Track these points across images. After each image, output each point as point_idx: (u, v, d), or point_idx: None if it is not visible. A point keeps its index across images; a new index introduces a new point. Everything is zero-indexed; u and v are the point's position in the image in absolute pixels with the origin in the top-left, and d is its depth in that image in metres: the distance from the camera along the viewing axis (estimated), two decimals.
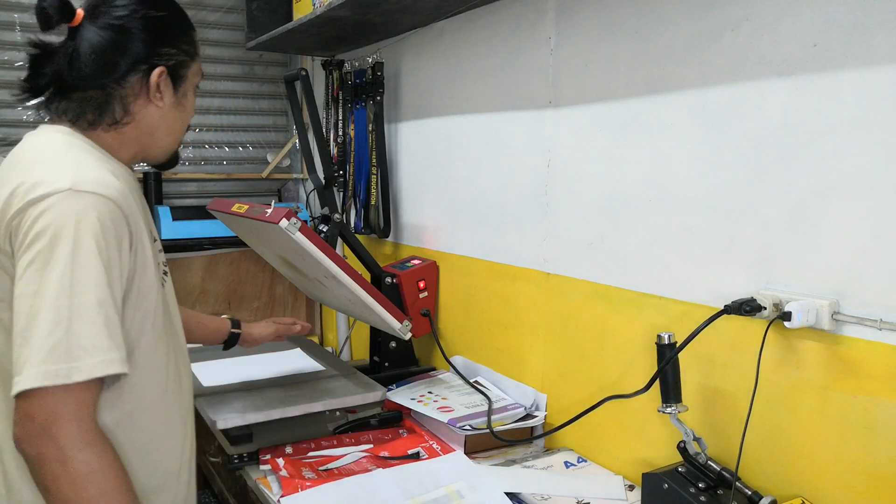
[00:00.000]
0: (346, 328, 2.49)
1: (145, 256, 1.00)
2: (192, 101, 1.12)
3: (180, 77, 1.07)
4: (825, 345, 1.05)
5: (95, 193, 0.91)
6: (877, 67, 0.96)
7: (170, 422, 1.08)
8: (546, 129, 1.55)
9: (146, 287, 1.00)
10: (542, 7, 1.53)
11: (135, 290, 0.97)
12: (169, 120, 1.08)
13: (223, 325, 1.56)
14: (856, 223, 1.00)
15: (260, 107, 2.81)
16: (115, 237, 0.92)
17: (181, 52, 1.06)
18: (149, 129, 1.06)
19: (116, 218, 0.92)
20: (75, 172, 0.93)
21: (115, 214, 0.92)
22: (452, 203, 1.90)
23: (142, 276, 0.99)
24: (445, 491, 1.29)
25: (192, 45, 1.08)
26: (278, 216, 1.39)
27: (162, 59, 1.03)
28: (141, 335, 1.00)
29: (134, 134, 1.05)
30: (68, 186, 0.90)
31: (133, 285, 0.97)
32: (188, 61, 1.08)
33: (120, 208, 0.93)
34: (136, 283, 0.98)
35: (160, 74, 1.03)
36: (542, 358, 1.60)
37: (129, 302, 0.97)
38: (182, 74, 1.07)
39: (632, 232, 1.35)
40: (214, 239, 2.45)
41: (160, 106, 1.05)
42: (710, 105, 1.19)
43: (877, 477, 1.00)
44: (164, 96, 1.05)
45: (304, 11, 2.02)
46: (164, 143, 1.10)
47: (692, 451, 1.15)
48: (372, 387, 1.63)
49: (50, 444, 0.87)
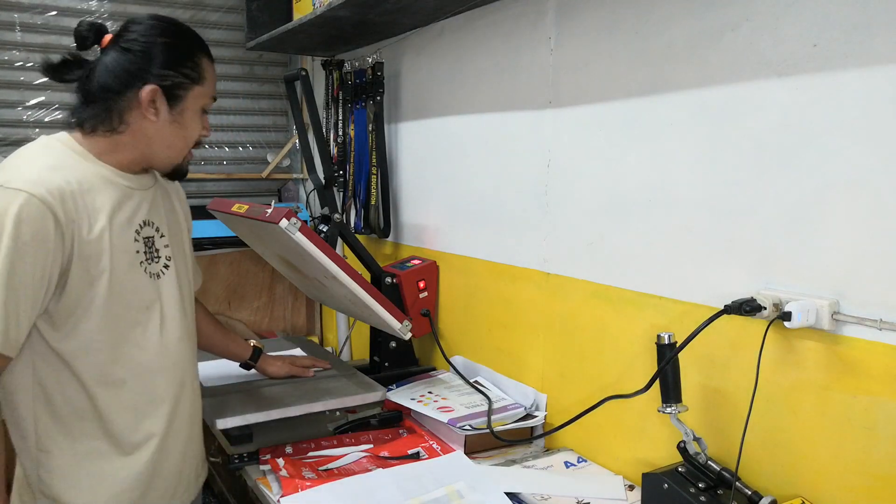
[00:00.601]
0: (346, 328, 2.49)
1: (99, 247, 1.11)
2: (193, 120, 1.21)
3: (177, 97, 1.17)
4: (825, 345, 1.05)
5: (21, 190, 1.04)
6: (877, 67, 0.96)
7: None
8: (546, 129, 1.55)
9: (93, 274, 1.11)
10: (542, 7, 1.53)
11: (72, 276, 1.09)
12: (166, 135, 1.18)
13: (244, 352, 1.67)
14: (856, 223, 1.00)
15: (260, 107, 2.81)
16: (32, 230, 1.04)
17: (180, 75, 1.16)
18: (145, 140, 1.17)
19: (38, 213, 1.04)
20: (16, 172, 1.07)
21: (39, 210, 1.04)
22: (452, 203, 1.90)
23: (86, 264, 1.10)
24: (445, 491, 1.29)
25: (196, 70, 1.18)
26: (278, 216, 1.39)
27: (158, 78, 1.14)
28: (85, 316, 1.12)
29: (130, 142, 1.17)
30: (0, 184, 1.05)
31: (70, 272, 1.09)
32: (188, 84, 1.17)
33: (45, 204, 1.04)
34: (73, 270, 1.09)
35: (152, 92, 1.14)
36: (542, 358, 1.60)
37: (65, 287, 1.09)
38: (179, 95, 1.17)
39: (632, 232, 1.35)
40: (214, 239, 2.45)
41: (153, 121, 1.16)
42: (710, 105, 1.19)
43: (877, 477, 0.99)
44: (158, 112, 1.16)
45: (304, 11, 2.02)
46: (163, 154, 1.21)
47: (692, 451, 1.15)
48: (372, 387, 1.63)
49: None
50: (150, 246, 1.22)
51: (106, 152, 1.17)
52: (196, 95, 1.20)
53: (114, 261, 1.14)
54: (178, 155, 1.23)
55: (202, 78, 1.20)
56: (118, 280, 1.15)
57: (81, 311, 1.12)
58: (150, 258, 1.22)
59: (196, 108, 1.21)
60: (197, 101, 1.20)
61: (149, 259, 1.21)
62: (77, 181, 1.11)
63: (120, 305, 1.16)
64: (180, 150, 1.23)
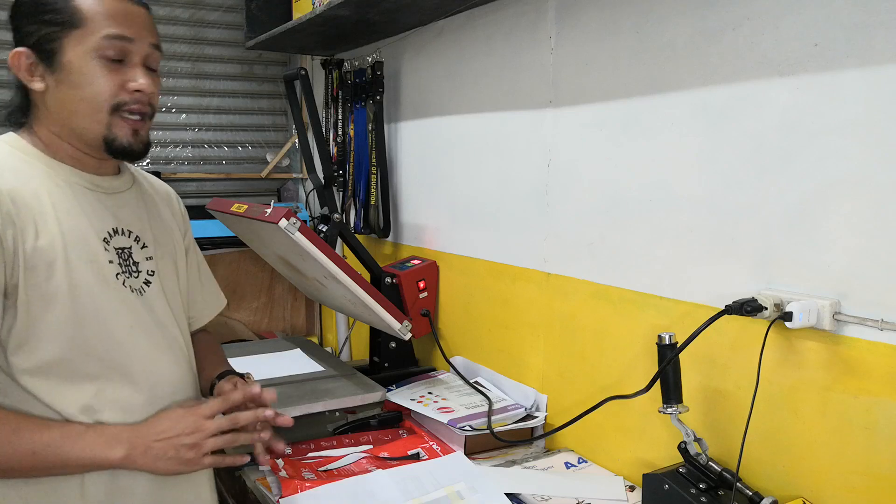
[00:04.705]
0: (345, 328, 2.49)
1: (50, 257, 0.96)
2: (90, 73, 0.98)
3: (50, 51, 0.98)
4: (826, 345, 1.04)
5: None
6: (878, 67, 0.96)
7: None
8: (546, 129, 1.54)
9: (47, 291, 0.96)
10: (542, 6, 1.53)
11: (21, 294, 0.94)
12: (62, 101, 1.00)
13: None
14: (857, 223, 1.00)
15: (259, 106, 2.81)
16: None
17: (43, 23, 0.97)
18: (56, 115, 1.01)
19: None
20: None
21: None
22: (452, 203, 1.90)
23: (36, 279, 0.95)
24: (445, 492, 1.28)
25: (63, 13, 0.98)
26: (278, 216, 1.38)
27: (24, 39, 0.99)
28: (45, 342, 0.96)
29: (52, 124, 1.02)
30: None
31: (18, 289, 0.94)
32: (56, 31, 0.98)
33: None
34: (21, 286, 0.94)
35: (15, 56, 0.99)
36: (543, 358, 1.60)
37: (15, 308, 0.94)
38: (51, 48, 0.98)
39: (632, 232, 1.35)
40: (214, 239, 2.44)
41: (41, 88, 0.99)
42: (710, 104, 1.19)
43: (878, 477, 0.99)
44: (42, 77, 0.99)
45: (304, 10, 2.02)
46: (78, 126, 1.01)
47: (693, 451, 1.14)
48: (372, 387, 1.63)
49: None
50: (125, 258, 1.05)
51: (51, 145, 1.03)
52: (76, 41, 0.97)
53: (73, 275, 0.97)
54: (93, 121, 1.00)
55: (77, 18, 0.97)
56: (87, 296, 0.98)
57: (39, 338, 0.95)
58: (127, 272, 1.05)
59: (83, 57, 0.98)
60: (82, 48, 0.98)
61: (126, 272, 1.05)
62: (21, 182, 0.97)
63: (90, 330, 0.99)
64: (90, 115, 1.00)
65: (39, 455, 0.94)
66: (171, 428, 1.02)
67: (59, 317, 0.96)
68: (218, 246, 2.49)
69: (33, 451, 0.93)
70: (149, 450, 1.00)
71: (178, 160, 2.66)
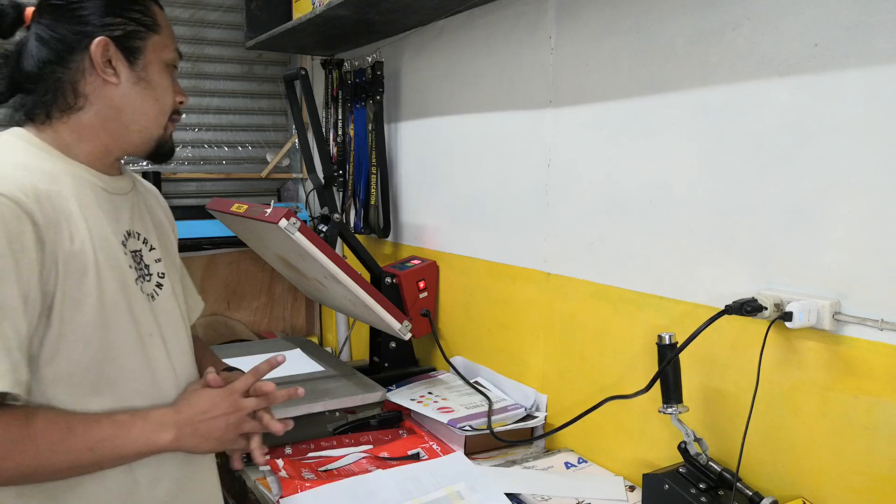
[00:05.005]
0: (345, 328, 2.49)
1: (83, 261, 0.92)
2: (162, 78, 1.02)
3: (135, 49, 0.98)
4: (826, 345, 1.04)
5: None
6: (878, 67, 0.96)
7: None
8: (546, 129, 1.54)
9: (77, 296, 0.92)
10: (542, 6, 1.53)
11: (58, 298, 0.90)
12: (133, 99, 0.99)
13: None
14: (857, 223, 1.00)
15: (259, 106, 2.81)
16: (5, 236, 0.84)
17: (131, 21, 0.97)
18: (113, 112, 0.98)
19: (13, 216, 0.86)
20: None
21: (10, 212, 0.85)
22: (452, 203, 1.90)
23: (70, 282, 0.91)
24: (445, 492, 1.28)
25: (147, 15, 0.99)
26: (278, 216, 1.38)
27: (105, 29, 0.95)
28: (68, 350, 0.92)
29: (96, 121, 0.98)
30: None
31: (56, 293, 0.90)
32: (142, 32, 0.98)
33: (18, 205, 0.86)
34: (59, 290, 0.90)
35: (102, 45, 0.95)
36: (543, 358, 1.59)
37: (50, 312, 0.90)
38: (136, 46, 0.98)
39: (632, 232, 1.35)
40: (214, 239, 2.44)
41: (115, 83, 0.97)
42: (710, 104, 1.19)
43: (878, 477, 0.99)
44: (118, 71, 0.97)
45: (304, 10, 2.02)
46: (136, 126, 1.00)
47: (693, 451, 1.14)
48: (372, 387, 1.63)
49: None
50: (138, 261, 1.03)
51: (72, 144, 0.97)
52: (156, 46, 1.00)
53: (101, 279, 0.94)
54: (156, 125, 1.02)
55: (157, 25, 1.00)
56: (111, 303, 0.95)
57: (68, 345, 0.91)
58: (142, 276, 1.03)
59: (160, 62, 1.01)
60: (159, 54, 1.00)
61: (140, 276, 1.02)
62: (49, 181, 0.92)
63: (115, 335, 0.96)
64: (156, 118, 1.02)
65: (96, 450, 0.92)
66: (213, 407, 1.02)
67: (88, 323, 0.93)
68: (218, 246, 2.49)
69: (90, 447, 0.92)
70: (196, 430, 1.00)
71: (178, 160, 2.66)
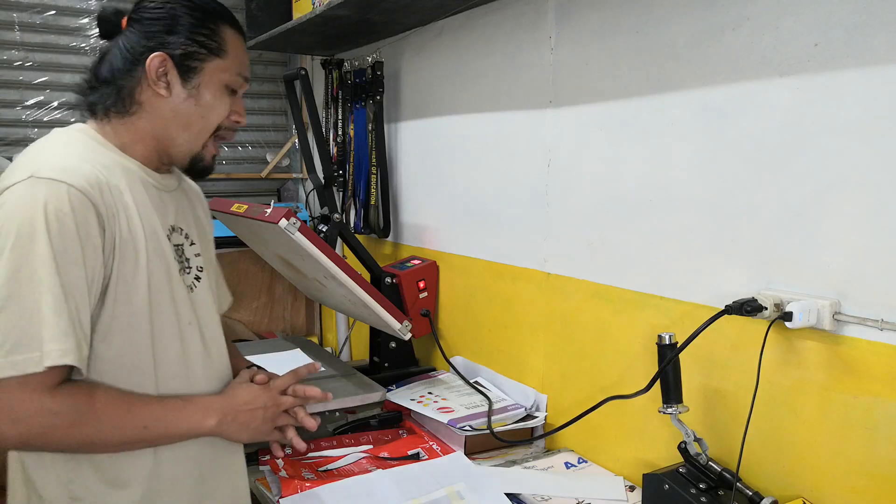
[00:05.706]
0: (345, 328, 2.49)
1: (135, 249, 0.99)
2: (216, 99, 1.07)
3: (190, 69, 1.04)
4: (826, 345, 1.04)
5: (54, 180, 0.91)
6: (878, 67, 0.96)
7: None
8: (546, 129, 1.54)
9: (130, 282, 0.98)
10: (542, 6, 1.53)
11: (112, 283, 0.97)
12: (181, 113, 1.05)
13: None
14: (857, 223, 1.00)
15: (259, 106, 2.81)
16: (74, 223, 0.91)
17: (194, 43, 1.04)
18: (161, 121, 1.05)
19: (79, 204, 0.92)
20: (42, 162, 0.94)
21: (78, 201, 0.92)
22: (452, 203, 1.89)
23: (125, 269, 0.98)
24: (445, 492, 1.28)
25: (214, 39, 1.06)
26: (278, 216, 1.38)
27: (167, 47, 1.03)
28: (113, 334, 0.98)
29: (147, 126, 1.05)
30: (28, 175, 0.92)
31: (111, 278, 0.96)
32: (203, 54, 1.05)
33: (85, 195, 0.92)
34: (114, 275, 0.97)
35: (158, 61, 1.02)
36: (543, 358, 1.59)
37: (104, 296, 0.96)
38: (193, 66, 1.04)
39: (632, 232, 1.35)
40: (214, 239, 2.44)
41: (164, 95, 1.04)
42: (710, 104, 1.19)
43: (878, 477, 0.99)
44: (170, 86, 1.04)
45: (304, 10, 2.02)
46: (180, 139, 1.07)
47: (693, 451, 1.14)
48: (372, 387, 1.63)
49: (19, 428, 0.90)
50: (180, 254, 1.09)
51: (128, 143, 1.05)
52: (216, 69, 1.06)
53: (150, 267, 1.01)
54: (197, 139, 1.08)
55: (223, 50, 1.06)
56: (157, 290, 1.02)
57: (118, 328, 0.98)
58: (183, 268, 1.09)
59: (217, 84, 1.07)
60: (217, 77, 1.06)
61: (182, 269, 1.08)
62: (108, 174, 0.98)
63: (158, 320, 1.02)
64: (198, 134, 1.08)
65: (150, 429, 0.99)
66: (254, 399, 1.10)
67: (137, 305, 0.99)
68: (218, 246, 2.44)
69: (145, 425, 0.99)
70: (236, 419, 1.08)
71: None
